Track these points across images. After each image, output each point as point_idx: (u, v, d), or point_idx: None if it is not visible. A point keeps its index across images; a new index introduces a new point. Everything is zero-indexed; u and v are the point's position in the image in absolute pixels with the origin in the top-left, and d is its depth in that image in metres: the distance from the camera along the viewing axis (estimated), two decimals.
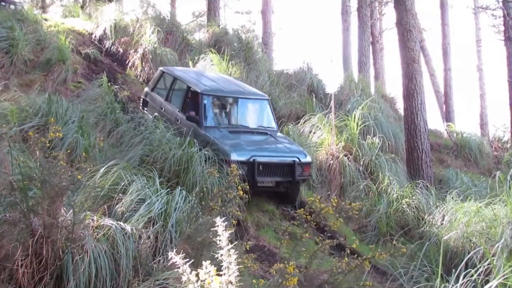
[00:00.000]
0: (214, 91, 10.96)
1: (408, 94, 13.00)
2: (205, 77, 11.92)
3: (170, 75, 11.95)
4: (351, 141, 12.43)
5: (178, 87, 11.52)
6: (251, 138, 10.50)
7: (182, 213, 6.30)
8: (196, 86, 10.82)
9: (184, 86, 11.23)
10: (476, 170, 15.70)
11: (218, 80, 11.93)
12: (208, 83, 11.32)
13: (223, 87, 11.34)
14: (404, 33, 13.25)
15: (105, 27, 16.20)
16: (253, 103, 11.51)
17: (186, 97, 10.94)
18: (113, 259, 5.26)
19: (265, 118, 11.35)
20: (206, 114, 10.38)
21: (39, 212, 5.03)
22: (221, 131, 10.14)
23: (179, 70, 12.56)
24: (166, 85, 12.03)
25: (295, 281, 5.13)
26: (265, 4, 25.92)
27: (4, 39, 12.41)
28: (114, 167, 6.73)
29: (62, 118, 8.89)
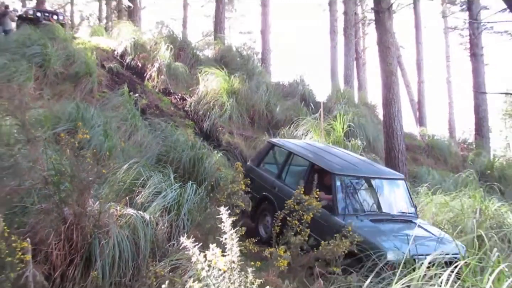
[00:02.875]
0: (348, 170, 7.93)
1: (386, 102, 13.01)
2: (328, 153, 8.79)
3: (284, 149, 9.06)
4: (338, 142, 12.45)
5: (295, 164, 8.74)
6: (400, 229, 7.48)
7: (193, 204, 6.33)
8: (326, 165, 7.94)
9: (306, 164, 8.41)
10: (445, 168, 15.72)
11: (344, 156, 8.85)
12: (337, 160, 8.29)
13: (355, 165, 8.31)
14: (383, 50, 13.27)
15: (126, 44, 16.20)
16: (389, 184, 8.39)
17: (310, 177, 7.85)
18: (134, 243, 5.29)
19: (404, 201, 8.18)
20: (341, 199, 7.51)
21: (70, 203, 5.05)
22: (361, 219, 7.23)
23: (293, 144, 9.50)
24: (278, 161, 9.29)
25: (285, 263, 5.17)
26: (264, 25, 25.91)
27: (39, 55, 12.41)
28: (135, 165, 6.75)
29: (89, 122, 8.90)
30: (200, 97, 13.94)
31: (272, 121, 14.34)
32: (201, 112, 13.49)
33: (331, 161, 8.18)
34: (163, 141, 8.57)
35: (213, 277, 3.47)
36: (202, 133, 12.54)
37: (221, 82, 14.21)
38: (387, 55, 13.25)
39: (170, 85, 14.91)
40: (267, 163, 9.37)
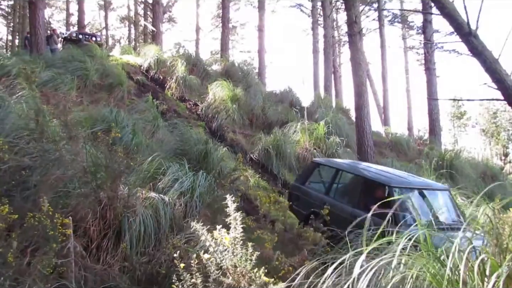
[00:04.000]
0: (401, 183, 6.82)
1: (358, 107, 12.97)
2: (375, 168, 7.72)
3: (330, 167, 7.98)
4: (319, 140, 12.41)
5: (344, 180, 7.73)
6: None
7: (204, 188, 6.29)
8: (381, 179, 6.84)
9: (355, 179, 7.40)
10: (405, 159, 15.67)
11: (390, 171, 7.79)
12: (388, 174, 7.19)
13: (406, 178, 7.14)
14: (355, 66, 13.24)
15: (150, 61, 16.12)
16: (438, 195, 7.08)
17: (363, 191, 6.97)
18: (156, 220, 5.25)
19: (453, 210, 6.92)
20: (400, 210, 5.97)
21: (104, 188, 5.03)
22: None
23: (339, 161, 8.68)
24: (324, 178, 8.16)
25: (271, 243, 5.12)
26: (260, 46, 25.81)
27: (80, 69, 12.34)
28: (157, 157, 6.71)
29: (120, 124, 8.84)
30: (209, 103, 13.87)
31: (266, 123, 14.28)
32: (210, 115, 13.44)
33: (384, 175, 7.04)
34: (180, 138, 8.49)
35: (219, 251, 3.40)
36: (211, 132, 12.49)
37: (226, 91, 14.15)
38: (358, 69, 13.21)
39: (185, 94, 14.85)
40: (312, 181, 8.22)
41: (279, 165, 11.22)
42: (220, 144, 9.39)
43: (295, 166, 11.43)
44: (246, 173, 9.57)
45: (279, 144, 11.53)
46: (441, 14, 5.21)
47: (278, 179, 10.89)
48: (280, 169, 11.14)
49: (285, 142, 11.62)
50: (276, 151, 11.38)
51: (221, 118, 13.13)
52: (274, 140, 11.66)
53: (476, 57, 4.87)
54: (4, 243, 3.83)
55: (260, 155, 11.52)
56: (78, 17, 30.98)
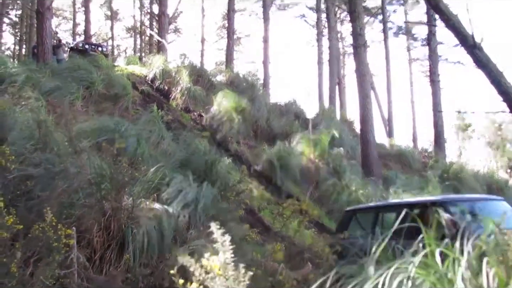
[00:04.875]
0: (456, 198, 6.74)
1: (363, 119, 13.00)
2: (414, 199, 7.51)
3: (369, 210, 7.57)
4: (323, 151, 12.39)
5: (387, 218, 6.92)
6: None
7: (208, 200, 6.27)
8: (431, 200, 6.39)
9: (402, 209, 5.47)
10: (410, 172, 15.62)
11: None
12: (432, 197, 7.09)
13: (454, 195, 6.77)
14: (360, 77, 13.28)
15: (155, 71, 16.17)
16: (493, 205, 6.43)
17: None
18: (160, 231, 5.23)
19: None
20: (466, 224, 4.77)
21: (109, 199, 5.02)
22: None
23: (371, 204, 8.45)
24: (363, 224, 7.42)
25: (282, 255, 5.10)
26: (265, 57, 25.91)
27: (85, 79, 12.38)
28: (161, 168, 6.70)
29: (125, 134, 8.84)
30: (214, 114, 13.90)
31: (271, 134, 14.29)
32: (214, 126, 13.46)
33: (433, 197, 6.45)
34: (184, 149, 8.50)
35: (209, 278, 3.33)
36: (215, 143, 12.46)
37: (231, 102, 14.17)
38: (363, 81, 13.26)
39: (190, 104, 14.88)
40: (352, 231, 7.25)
41: (283, 177, 11.20)
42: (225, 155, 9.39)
43: (299, 178, 11.40)
44: (250, 185, 9.56)
45: (284, 156, 11.53)
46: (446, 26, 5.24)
47: (282, 191, 10.86)
48: (285, 181, 11.12)
49: (289, 154, 11.62)
50: (280, 163, 11.37)
51: (226, 129, 13.14)
52: (278, 152, 11.66)
53: (481, 69, 4.89)
54: (8, 253, 3.83)
55: (264, 167, 11.51)
56: (85, 27, 31.24)
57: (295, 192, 10.87)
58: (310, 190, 11.26)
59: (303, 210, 8.00)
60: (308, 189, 11.24)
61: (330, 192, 10.99)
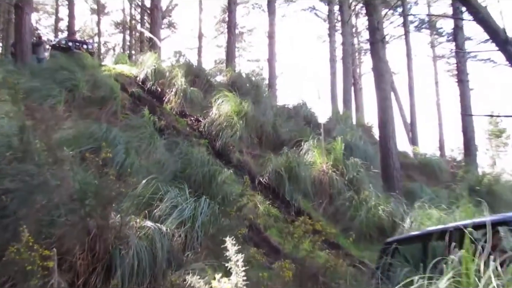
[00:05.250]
0: None
1: (382, 124, 12.94)
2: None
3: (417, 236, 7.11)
4: (338, 161, 12.32)
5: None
6: None
7: (206, 217, 6.24)
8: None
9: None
10: (437, 184, 15.53)
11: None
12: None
13: None
14: (378, 77, 13.25)
15: (147, 71, 16.20)
16: None
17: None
18: (152, 253, 5.21)
19: None
20: None
21: (94, 216, 5.00)
22: None
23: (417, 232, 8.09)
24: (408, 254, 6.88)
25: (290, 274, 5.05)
26: (270, 54, 25.99)
27: (69, 80, 12.40)
28: (153, 180, 6.68)
29: (113, 142, 8.83)
30: (213, 119, 13.87)
31: (278, 141, 14.24)
32: (214, 133, 13.42)
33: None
34: (180, 159, 8.48)
35: None
36: (214, 152, 12.45)
37: (232, 105, 14.14)
38: (381, 81, 13.22)
39: (186, 108, 14.88)
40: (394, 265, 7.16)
41: (292, 190, 11.13)
42: (225, 166, 9.36)
43: (310, 191, 11.34)
44: (255, 199, 9.50)
45: (292, 166, 11.48)
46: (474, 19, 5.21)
47: (291, 206, 10.80)
48: (294, 194, 11.06)
49: (299, 164, 11.56)
50: (288, 174, 11.31)
51: (226, 136, 13.10)
52: (286, 162, 11.61)
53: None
54: None
55: (270, 179, 11.46)
56: (68, 23, 31.42)
57: (306, 208, 10.80)
58: (323, 205, 11.18)
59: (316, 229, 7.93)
60: (321, 204, 11.16)
61: (346, 208, 10.91)
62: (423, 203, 9.52)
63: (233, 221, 6.74)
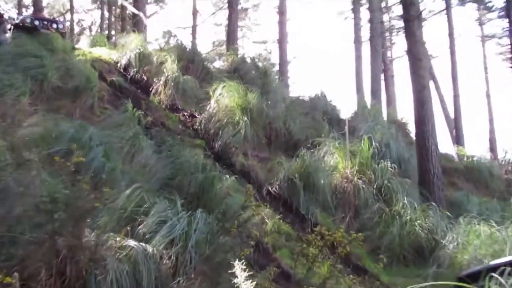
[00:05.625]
0: None
1: (419, 119, 12.91)
2: None
3: None
4: (365, 165, 12.28)
5: None
6: None
7: (202, 234, 6.24)
8: None
9: None
10: (487, 193, 15.46)
11: None
12: None
13: None
14: (414, 62, 13.22)
15: (130, 56, 16.26)
16: None
17: None
18: (135, 279, 5.21)
19: None
20: None
21: (64, 234, 5.01)
22: None
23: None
24: None
25: None
26: (281, 34, 26.01)
27: (35, 68, 12.47)
28: (137, 190, 6.69)
29: (88, 142, 8.87)
30: (211, 114, 13.88)
31: (290, 141, 14.24)
32: (212, 131, 13.43)
33: None
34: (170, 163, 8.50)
35: None
36: (213, 154, 12.46)
37: (234, 97, 14.14)
38: (418, 67, 13.19)
39: (178, 101, 14.91)
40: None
41: (308, 202, 11.11)
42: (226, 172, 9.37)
43: (331, 203, 11.31)
44: (262, 213, 9.49)
45: (309, 171, 11.45)
46: None
47: (306, 221, 10.78)
48: (310, 207, 11.04)
49: (316, 169, 11.54)
50: (304, 182, 11.29)
51: (228, 135, 13.12)
52: (301, 166, 11.59)
53: None
54: None
55: (281, 187, 11.45)
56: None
57: (325, 223, 10.76)
58: (346, 220, 11.15)
59: (336, 244, 7.90)
60: (344, 219, 11.14)
61: (375, 223, 10.87)
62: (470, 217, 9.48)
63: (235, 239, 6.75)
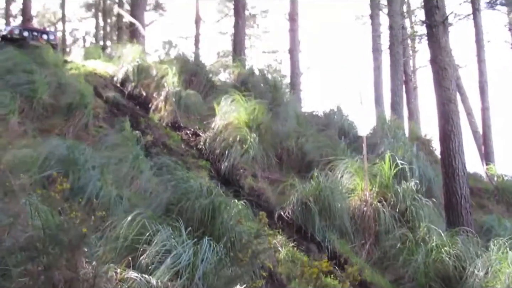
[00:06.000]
0: None
1: (444, 135, 12.89)
2: None
3: None
4: (385, 187, 12.28)
5: None
6: None
7: (210, 265, 6.25)
8: None
9: None
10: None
11: None
12: None
13: None
14: (439, 72, 13.21)
15: (127, 68, 16.38)
16: None
17: None
18: None
19: None
20: None
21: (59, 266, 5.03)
22: None
23: None
24: None
25: None
26: (292, 43, 26.09)
27: (24, 83, 12.58)
28: (138, 216, 6.72)
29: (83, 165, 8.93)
30: (216, 132, 13.91)
31: (304, 161, 14.24)
32: (217, 151, 13.46)
33: None
34: (172, 187, 8.52)
35: None
36: (219, 177, 12.49)
37: (241, 113, 14.19)
38: (443, 78, 13.17)
39: (180, 118, 14.97)
40: None
41: (324, 228, 11.11)
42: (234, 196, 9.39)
43: (349, 228, 11.30)
44: (274, 240, 9.51)
45: (324, 194, 11.43)
46: None
47: (323, 248, 10.78)
48: (327, 233, 11.03)
49: (333, 192, 11.53)
50: (319, 206, 11.27)
51: (235, 155, 13.15)
52: (316, 189, 11.58)
53: None
54: None
55: (295, 212, 11.43)
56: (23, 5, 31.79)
57: (344, 251, 10.76)
58: (366, 247, 11.13)
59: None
60: (364, 246, 11.12)
61: (398, 250, 10.85)
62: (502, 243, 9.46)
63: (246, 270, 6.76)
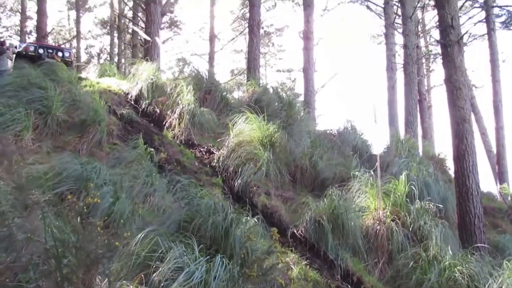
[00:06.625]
0: None
1: (458, 155, 12.87)
2: None
3: None
4: (399, 206, 12.26)
5: None
6: None
7: (222, 282, 6.27)
8: None
9: None
10: None
11: None
12: None
13: None
14: (453, 91, 13.22)
15: (141, 86, 16.43)
16: None
17: None
18: None
19: None
20: None
21: (74, 281, 5.06)
22: None
23: None
24: None
25: None
26: (307, 61, 26.11)
27: (39, 100, 12.64)
28: (151, 234, 6.76)
29: (97, 182, 8.99)
30: (230, 149, 13.94)
31: (317, 179, 14.24)
32: (231, 168, 13.48)
33: None
34: (186, 205, 8.55)
35: None
36: (232, 194, 12.48)
37: (255, 131, 14.22)
38: (457, 98, 13.18)
39: (194, 135, 15.01)
40: None
41: (337, 246, 11.09)
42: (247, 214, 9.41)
43: (362, 247, 11.28)
44: (287, 258, 9.51)
45: (338, 213, 11.44)
46: None
47: (336, 267, 10.76)
48: (340, 251, 11.02)
49: (346, 210, 11.53)
50: (332, 224, 11.27)
51: (248, 173, 13.16)
52: (329, 207, 11.59)
53: None
54: None
55: (308, 230, 11.44)
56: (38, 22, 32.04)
57: (357, 269, 10.74)
58: (379, 266, 11.10)
59: None
60: (377, 265, 11.09)
61: (411, 269, 10.81)
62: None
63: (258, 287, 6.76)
